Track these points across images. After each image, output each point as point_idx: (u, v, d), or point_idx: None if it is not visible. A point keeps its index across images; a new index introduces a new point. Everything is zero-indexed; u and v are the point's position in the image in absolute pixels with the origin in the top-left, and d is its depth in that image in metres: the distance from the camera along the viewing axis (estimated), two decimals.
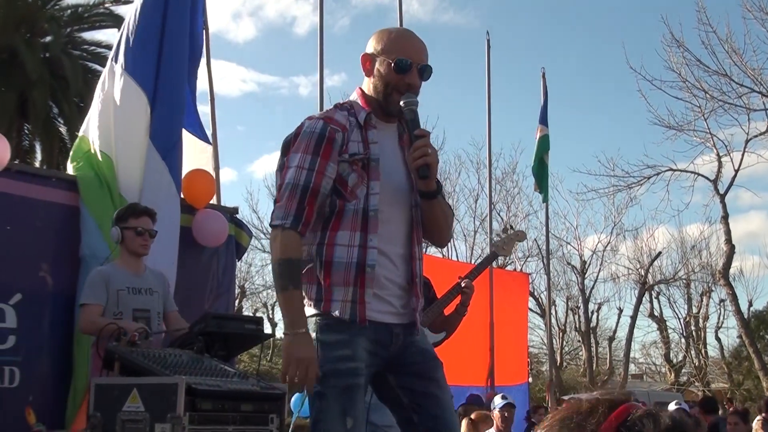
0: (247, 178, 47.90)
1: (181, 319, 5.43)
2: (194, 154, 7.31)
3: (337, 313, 3.13)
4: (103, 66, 22.07)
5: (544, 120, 14.16)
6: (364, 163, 3.21)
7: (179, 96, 6.71)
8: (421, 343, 3.36)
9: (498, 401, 8.83)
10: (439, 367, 3.38)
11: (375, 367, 3.23)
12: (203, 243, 6.80)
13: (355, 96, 3.36)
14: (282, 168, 3.23)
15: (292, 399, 9.78)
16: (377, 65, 3.25)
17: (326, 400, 3.09)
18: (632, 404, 1.39)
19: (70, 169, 6.61)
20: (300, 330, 3.05)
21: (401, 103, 3.20)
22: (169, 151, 6.46)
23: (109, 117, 6.56)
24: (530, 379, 15.70)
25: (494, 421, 8.82)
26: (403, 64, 3.19)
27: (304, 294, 3.17)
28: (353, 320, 3.13)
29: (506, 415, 8.73)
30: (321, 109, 10.30)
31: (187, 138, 7.19)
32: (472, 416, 8.86)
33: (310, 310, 3.19)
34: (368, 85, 3.31)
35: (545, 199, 14.97)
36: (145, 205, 5.60)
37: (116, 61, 6.72)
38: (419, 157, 3.15)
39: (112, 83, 6.65)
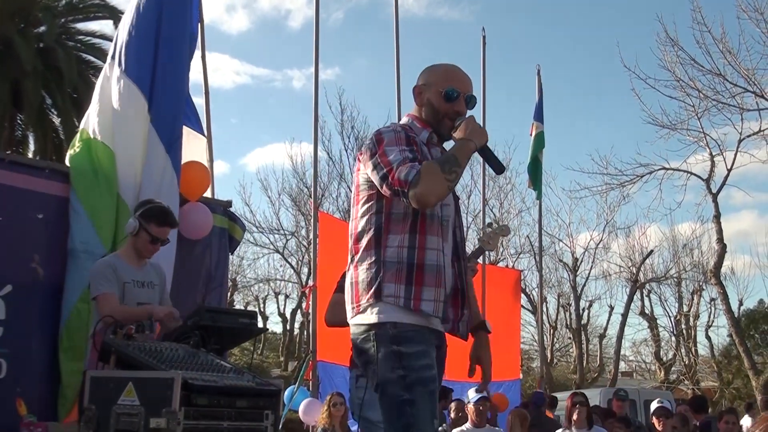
0: (240, 171, 47.88)
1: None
2: (189, 146, 7.30)
3: (428, 311, 3.30)
4: (98, 57, 22.05)
5: (539, 117, 14.18)
6: None
7: (181, 90, 6.71)
8: (443, 355, 3.55)
9: (472, 395, 8.84)
10: (442, 374, 3.55)
11: None
12: (187, 235, 6.72)
13: (406, 120, 3.60)
14: (377, 164, 3.33)
15: (285, 392, 9.79)
16: (428, 95, 3.53)
17: (417, 407, 3.24)
18: None
19: (67, 158, 6.59)
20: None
21: (456, 124, 3.45)
22: (171, 144, 6.45)
23: (108, 117, 6.56)
24: (521, 376, 15.69)
25: (468, 415, 8.85)
26: (452, 93, 3.49)
27: (391, 294, 3.30)
28: (444, 319, 3.38)
29: (481, 409, 8.74)
30: (316, 102, 10.35)
31: (184, 131, 7.18)
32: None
33: (390, 315, 3.29)
34: (419, 112, 3.58)
35: (539, 197, 15.00)
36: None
37: (114, 60, 6.72)
38: None
39: (111, 84, 6.64)
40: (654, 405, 9.44)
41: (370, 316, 3.30)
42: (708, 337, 30.88)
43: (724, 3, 41.84)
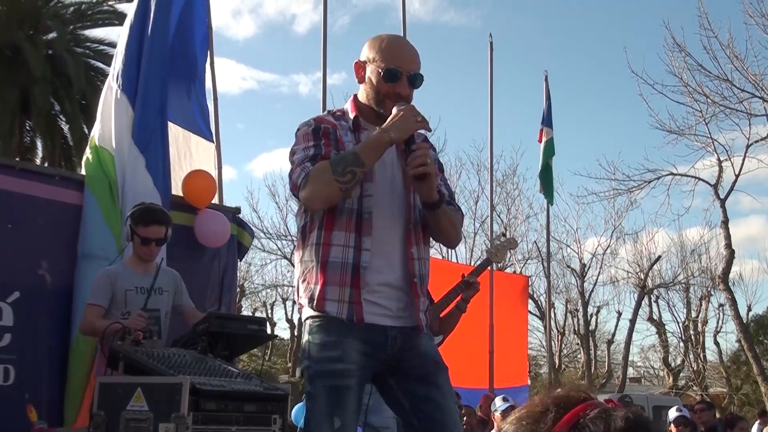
0: (247, 176, 47.90)
1: (199, 313, 5.42)
2: (197, 153, 7.34)
3: (332, 312, 3.15)
4: (106, 64, 22.19)
5: (548, 122, 14.15)
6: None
7: (155, 92, 6.72)
8: (423, 347, 3.35)
9: (499, 403, 8.84)
10: (442, 371, 3.37)
11: (370, 369, 3.24)
12: (205, 243, 6.81)
13: (348, 103, 3.42)
14: (291, 170, 3.26)
15: (293, 411, 9.77)
16: (368, 73, 3.30)
17: (314, 400, 3.13)
18: (588, 404, 1.33)
19: (83, 164, 6.67)
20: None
21: (394, 110, 3.20)
22: (146, 145, 6.47)
23: (110, 128, 6.62)
24: (529, 382, 15.69)
25: (495, 423, 8.84)
26: (392, 73, 3.22)
27: (302, 293, 3.23)
28: (350, 320, 3.14)
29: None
30: (324, 107, 10.38)
31: (191, 138, 7.24)
32: None
33: (306, 311, 3.23)
34: (361, 93, 3.37)
35: (551, 202, 15.00)
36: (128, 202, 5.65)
37: (113, 78, 6.79)
38: (418, 165, 3.15)
39: (112, 99, 6.70)
40: (673, 413, 9.31)
41: (304, 311, 3.27)
42: (716, 343, 30.82)
43: (731, 8, 41.76)
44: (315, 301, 3.17)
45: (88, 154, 6.64)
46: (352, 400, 3.14)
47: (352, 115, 3.33)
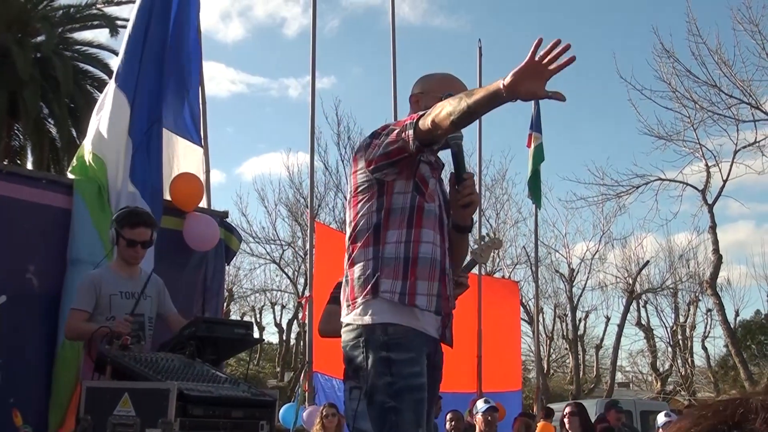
0: (236, 180, 47.79)
1: (183, 320, 5.41)
2: (185, 156, 7.33)
3: (422, 305, 3.27)
4: (95, 67, 22.07)
5: (537, 127, 14.16)
6: (439, 171, 3.49)
7: (153, 95, 6.73)
8: (440, 361, 3.53)
9: (480, 405, 8.84)
10: (439, 381, 3.53)
11: None
12: (194, 247, 6.80)
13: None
14: (382, 134, 3.32)
15: (281, 411, 9.78)
16: (424, 102, 3.45)
17: (402, 414, 3.20)
18: None
19: (70, 169, 6.64)
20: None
21: (449, 136, 3.32)
22: (136, 149, 6.48)
23: (103, 126, 6.61)
24: (521, 387, 15.67)
25: (477, 426, 8.84)
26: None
27: (388, 290, 3.27)
28: (438, 312, 3.33)
29: (489, 419, 8.74)
30: (313, 112, 10.38)
31: (179, 141, 7.23)
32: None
33: (383, 316, 3.26)
34: None
35: (539, 207, 15.02)
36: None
37: (113, 78, 6.83)
38: (468, 194, 3.42)
39: (108, 97, 6.71)
40: (662, 418, 9.32)
41: (363, 317, 3.28)
42: (704, 348, 30.92)
43: (720, 15, 41.94)
44: (406, 297, 3.25)
45: (78, 158, 6.61)
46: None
47: None
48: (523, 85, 2.90)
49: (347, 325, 3.35)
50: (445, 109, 3.08)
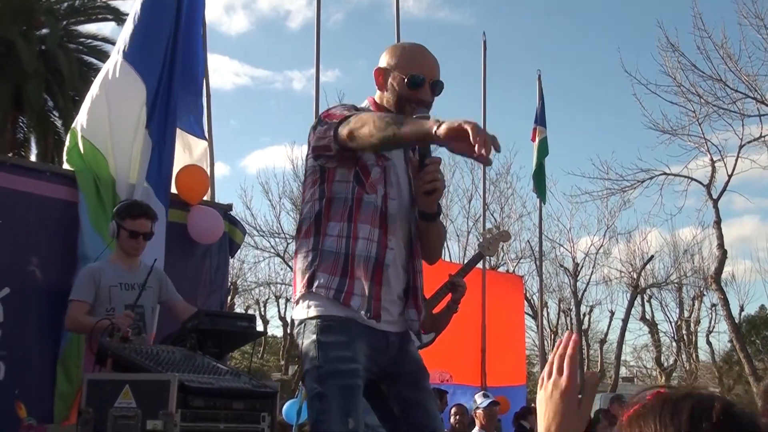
0: (240, 173, 47.80)
1: (191, 306, 5.41)
2: (189, 149, 7.32)
3: (356, 306, 3.13)
4: (99, 59, 22.08)
5: (542, 121, 14.12)
6: (385, 166, 3.25)
7: (174, 95, 6.72)
8: (413, 353, 3.38)
9: (480, 400, 8.83)
10: (427, 377, 3.42)
11: (370, 374, 3.22)
12: (198, 240, 6.80)
13: (366, 104, 3.38)
14: (321, 123, 3.20)
15: (284, 407, 9.74)
16: (390, 80, 3.29)
17: (327, 400, 3.08)
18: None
19: (64, 161, 6.60)
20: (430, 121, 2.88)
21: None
22: (154, 147, 6.46)
23: (104, 110, 6.55)
24: (526, 381, 15.66)
25: (477, 420, 8.83)
26: (416, 79, 3.23)
27: (323, 285, 3.16)
28: (369, 316, 3.13)
29: (490, 413, 8.72)
30: (317, 104, 10.35)
31: (183, 134, 7.21)
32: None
33: (318, 309, 3.17)
34: (380, 98, 3.34)
35: (544, 201, 14.97)
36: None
37: (118, 53, 6.75)
38: (430, 181, 3.19)
39: (111, 74, 6.66)
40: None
41: (301, 311, 3.19)
42: (709, 343, 30.91)
43: (725, 9, 41.86)
44: (342, 295, 3.13)
45: (72, 146, 6.53)
46: (361, 399, 3.15)
47: None
48: (454, 143, 2.80)
49: (294, 320, 3.26)
50: (367, 126, 2.94)
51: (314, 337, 3.13)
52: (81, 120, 6.67)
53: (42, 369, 5.80)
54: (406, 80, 3.23)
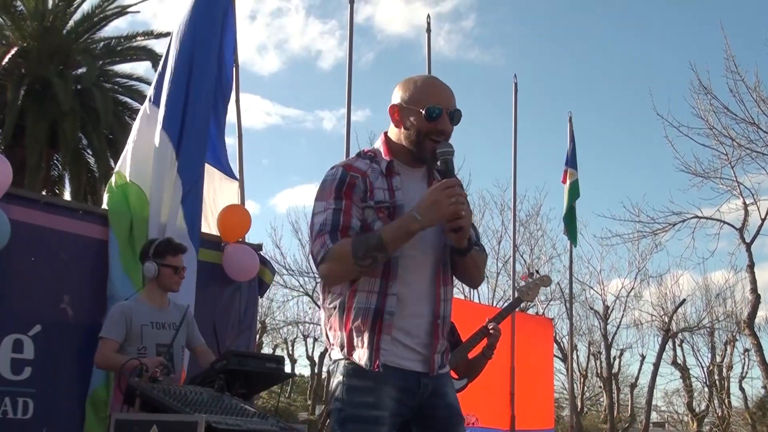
0: (270, 212, 48.11)
1: (210, 352, 5.44)
2: (221, 189, 7.38)
3: (356, 359, 3.09)
4: (134, 99, 22.32)
5: (573, 163, 14.09)
6: (390, 211, 3.15)
7: (204, 132, 6.80)
8: (450, 397, 3.30)
9: None
10: (461, 422, 3.33)
11: (402, 417, 3.16)
12: (234, 278, 6.86)
13: (379, 143, 3.33)
14: (311, 235, 3.18)
15: None
16: (406, 115, 3.20)
17: None
18: None
19: (105, 201, 6.67)
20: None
21: (437, 152, 3.14)
22: (189, 191, 6.53)
23: (145, 159, 6.65)
24: (554, 425, 15.51)
25: None
26: (434, 110, 3.13)
27: (333, 341, 3.17)
28: (369, 367, 3.07)
29: None
30: (348, 144, 10.40)
31: (215, 173, 7.27)
32: None
33: (337, 352, 3.16)
34: (397, 134, 3.27)
35: (575, 244, 14.87)
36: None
37: (153, 103, 6.85)
38: (453, 218, 3.07)
39: (149, 125, 6.76)
40: None
41: (336, 352, 3.17)
42: (742, 389, 30.51)
43: (758, 51, 41.69)
44: (345, 348, 3.11)
45: (117, 185, 6.63)
46: None
47: (384, 161, 3.21)
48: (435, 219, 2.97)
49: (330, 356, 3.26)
50: (343, 263, 3.01)
51: (341, 378, 3.11)
52: (127, 162, 6.78)
53: (71, 407, 5.82)
54: (423, 113, 3.14)
